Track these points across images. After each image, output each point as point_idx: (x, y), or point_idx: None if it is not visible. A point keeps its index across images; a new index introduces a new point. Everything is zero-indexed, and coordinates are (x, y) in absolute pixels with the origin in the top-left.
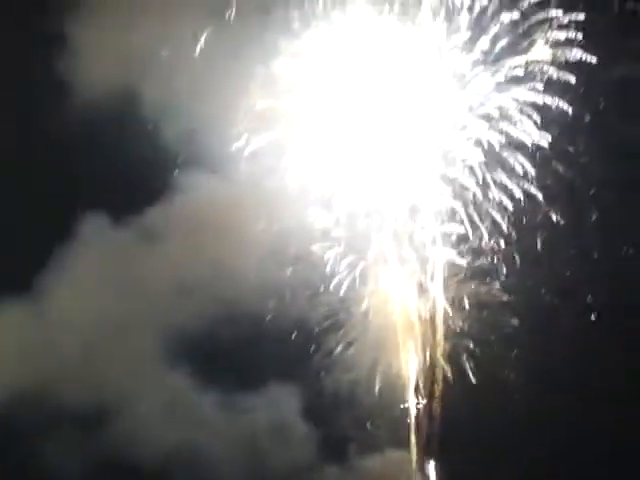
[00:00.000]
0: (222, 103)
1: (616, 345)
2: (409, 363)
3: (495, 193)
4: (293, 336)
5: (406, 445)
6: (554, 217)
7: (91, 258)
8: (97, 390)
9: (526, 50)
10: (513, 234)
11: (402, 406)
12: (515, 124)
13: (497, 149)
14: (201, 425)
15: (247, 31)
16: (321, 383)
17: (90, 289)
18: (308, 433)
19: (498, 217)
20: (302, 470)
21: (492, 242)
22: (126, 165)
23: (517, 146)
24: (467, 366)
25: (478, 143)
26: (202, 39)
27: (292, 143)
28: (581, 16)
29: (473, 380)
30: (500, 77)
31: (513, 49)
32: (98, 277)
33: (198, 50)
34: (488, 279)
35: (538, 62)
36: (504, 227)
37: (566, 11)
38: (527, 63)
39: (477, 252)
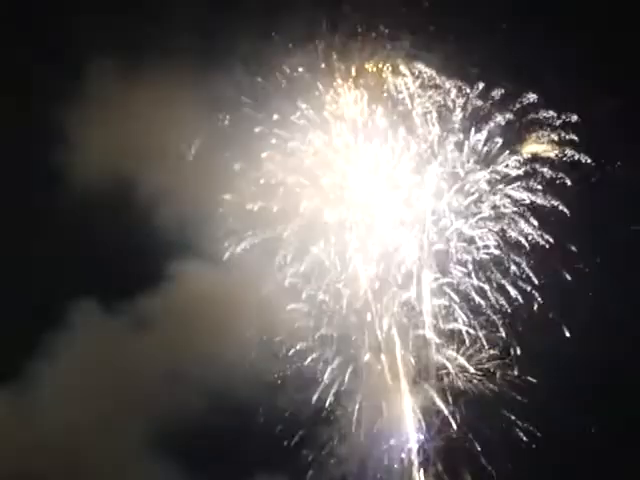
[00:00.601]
0: (214, 199)
1: None
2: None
3: (491, 294)
4: (282, 429)
5: None
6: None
7: (80, 345)
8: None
9: (520, 149)
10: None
11: None
12: (510, 224)
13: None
14: None
15: (239, 132)
16: (310, 477)
17: (77, 376)
18: None
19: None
20: None
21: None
22: (119, 253)
23: (512, 246)
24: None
25: (473, 242)
26: (196, 144)
27: (284, 242)
28: (574, 117)
29: None
30: (495, 176)
31: (507, 148)
32: (86, 364)
33: (193, 150)
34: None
35: (532, 160)
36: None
37: (559, 112)
38: (521, 162)
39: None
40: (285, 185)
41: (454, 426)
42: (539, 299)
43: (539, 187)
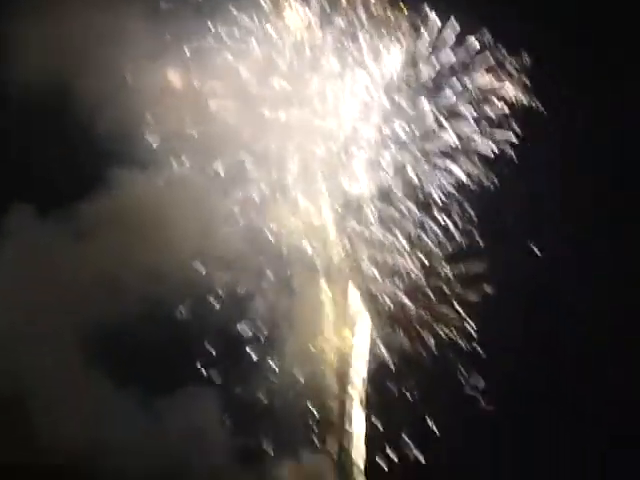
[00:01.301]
0: (152, 102)
1: None
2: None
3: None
4: (216, 340)
5: (326, 451)
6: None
7: (14, 251)
8: (8, 380)
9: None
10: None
11: (324, 412)
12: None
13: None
14: (116, 425)
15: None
16: (242, 389)
17: (9, 280)
18: (226, 439)
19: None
20: (219, 477)
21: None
22: (56, 159)
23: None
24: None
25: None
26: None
27: (220, 142)
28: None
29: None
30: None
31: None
32: (19, 269)
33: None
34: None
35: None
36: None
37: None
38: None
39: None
40: (225, 106)
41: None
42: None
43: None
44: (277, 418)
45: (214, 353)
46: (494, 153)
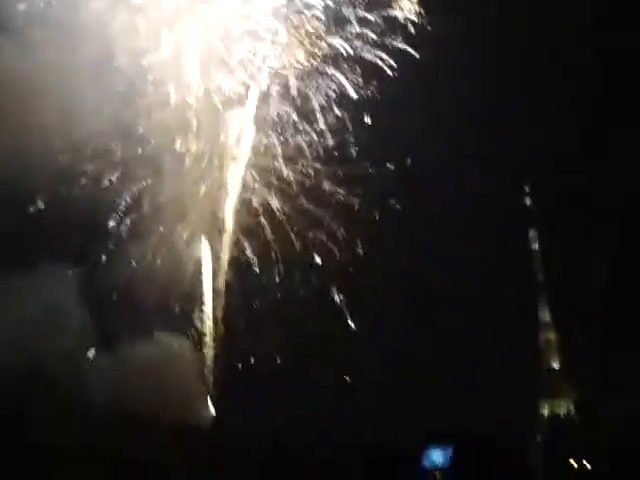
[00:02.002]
0: None
1: None
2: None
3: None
4: (78, 226)
5: (183, 331)
6: None
7: None
8: None
9: None
10: None
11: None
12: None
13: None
14: None
15: None
16: (100, 269)
17: None
18: (82, 319)
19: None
20: (73, 356)
21: None
22: None
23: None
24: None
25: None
26: None
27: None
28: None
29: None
30: None
31: None
32: None
33: None
34: None
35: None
36: None
37: None
38: None
39: None
40: None
41: None
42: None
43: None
44: (134, 302)
45: (74, 238)
46: (377, 63)
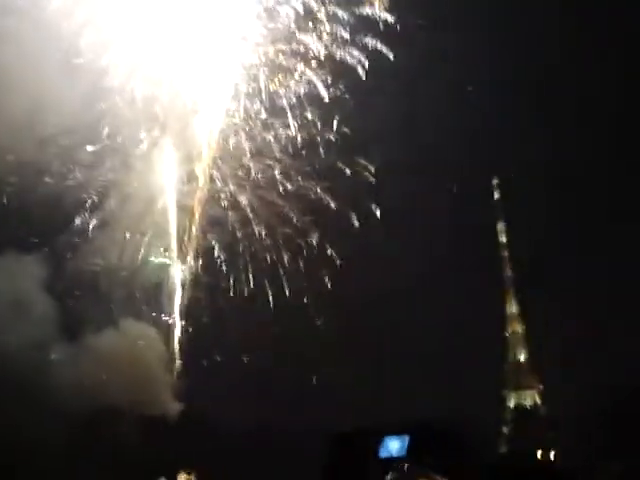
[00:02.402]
0: None
1: None
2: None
3: None
4: (47, 210)
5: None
6: None
7: None
8: None
9: None
10: None
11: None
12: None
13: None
14: None
15: None
16: (66, 259)
17: None
18: (46, 309)
19: None
20: (36, 346)
21: None
22: None
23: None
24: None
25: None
26: None
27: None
28: None
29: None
30: None
31: None
32: None
33: None
34: None
35: None
36: None
37: None
38: None
39: None
40: None
41: None
42: None
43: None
44: (102, 290)
45: (42, 223)
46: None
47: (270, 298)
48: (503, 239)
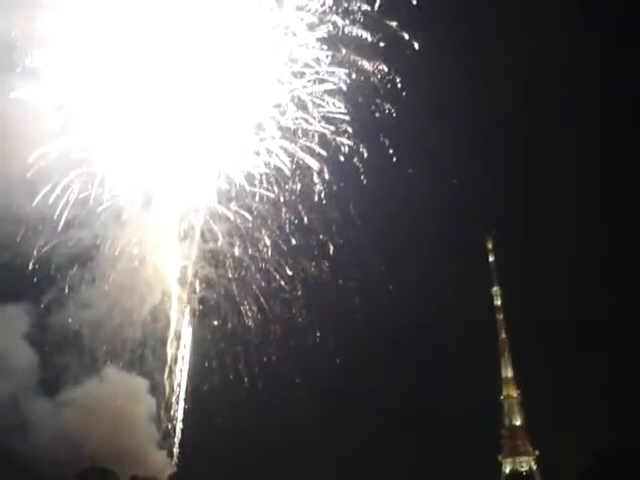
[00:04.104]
0: None
1: None
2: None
3: None
4: (33, 265)
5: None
6: None
7: None
8: None
9: None
10: None
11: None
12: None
13: None
14: None
15: None
16: (52, 313)
17: None
18: (29, 362)
19: None
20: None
21: None
22: None
23: None
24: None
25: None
26: None
27: None
28: None
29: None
30: None
31: None
32: None
33: None
34: None
35: None
36: None
37: None
38: None
39: None
40: None
41: None
42: None
43: None
44: (84, 343)
45: (30, 277)
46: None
47: None
48: (498, 302)
